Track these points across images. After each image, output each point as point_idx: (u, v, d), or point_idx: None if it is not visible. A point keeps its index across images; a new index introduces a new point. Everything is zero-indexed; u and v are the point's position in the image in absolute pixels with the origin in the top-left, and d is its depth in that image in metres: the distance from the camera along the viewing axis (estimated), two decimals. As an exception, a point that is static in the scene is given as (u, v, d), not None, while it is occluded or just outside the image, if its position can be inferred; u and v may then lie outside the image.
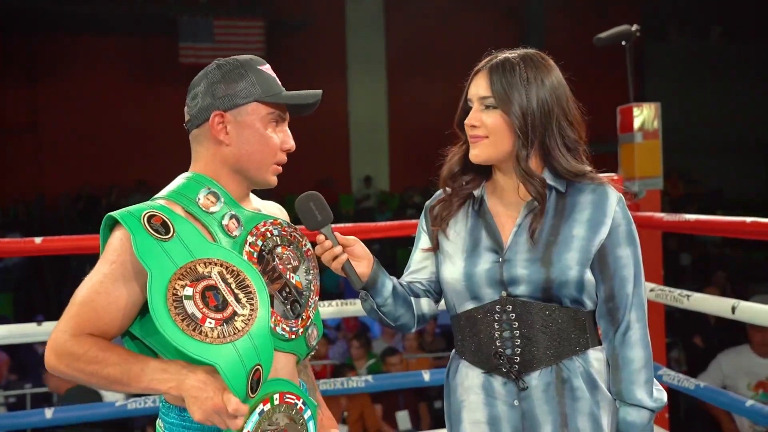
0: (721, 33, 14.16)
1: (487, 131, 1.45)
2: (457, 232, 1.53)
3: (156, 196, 1.38)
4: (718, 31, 14.16)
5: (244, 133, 1.36)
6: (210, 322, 1.22)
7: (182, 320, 1.21)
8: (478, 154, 1.47)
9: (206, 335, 1.21)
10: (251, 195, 1.49)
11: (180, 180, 1.40)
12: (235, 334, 1.23)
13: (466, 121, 1.49)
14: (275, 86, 1.39)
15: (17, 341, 3.11)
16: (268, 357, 1.26)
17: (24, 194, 11.17)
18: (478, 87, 1.47)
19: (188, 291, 1.23)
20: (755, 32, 13.78)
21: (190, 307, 1.22)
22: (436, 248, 1.55)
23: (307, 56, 11.54)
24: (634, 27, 2.98)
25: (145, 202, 1.34)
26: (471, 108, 1.49)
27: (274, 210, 1.52)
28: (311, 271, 1.46)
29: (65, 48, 11.43)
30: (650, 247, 2.74)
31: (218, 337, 1.21)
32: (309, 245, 1.47)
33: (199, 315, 1.22)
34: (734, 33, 14.01)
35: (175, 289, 1.23)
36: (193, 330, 1.21)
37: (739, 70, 13.39)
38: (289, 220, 1.49)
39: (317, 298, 1.47)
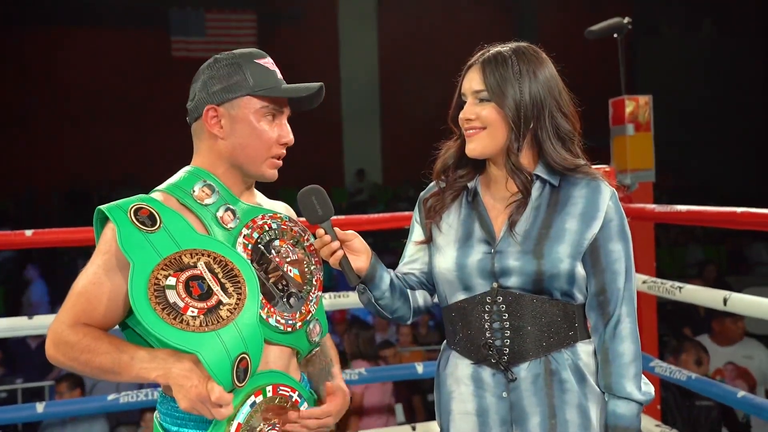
0: (712, 26, 14.19)
1: (483, 123, 1.46)
2: (450, 223, 1.54)
3: (155, 188, 1.39)
4: (709, 24, 14.19)
5: (237, 126, 1.36)
6: (192, 311, 1.22)
7: (162, 309, 1.21)
8: (474, 147, 1.48)
9: (187, 324, 1.21)
10: (258, 192, 1.49)
11: (180, 173, 1.41)
12: (218, 322, 1.22)
13: (461, 115, 1.49)
14: (271, 79, 1.38)
15: (8, 335, 3.10)
16: (257, 346, 1.26)
17: (14, 188, 11.11)
18: (472, 81, 1.48)
19: (171, 281, 1.24)
20: (746, 25, 13.82)
21: (172, 296, 1.22)
22: (429, 240, 1.56)
23: (300, 49, 11.49)
24: (626, 20, 2.98)
25: (138, 195, 1.35)
26: (465, 103, 1.49)
27: (280, 208, 1.52)
28: (313, 266, 1.45)
29: (56, 41, 11.34)
30: (643, 238, 2.75)
31: (200, 325, 1.21)
32: (312, 239, 1.47)
33: (181, 304, 1.22)
34: (725, 26, 14.05)
35: (157, 279, 1.23)
36: (174, 319, 1.20)
37: (730, 62, 13.43)
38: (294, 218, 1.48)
39: (320, 293, 1.46)
